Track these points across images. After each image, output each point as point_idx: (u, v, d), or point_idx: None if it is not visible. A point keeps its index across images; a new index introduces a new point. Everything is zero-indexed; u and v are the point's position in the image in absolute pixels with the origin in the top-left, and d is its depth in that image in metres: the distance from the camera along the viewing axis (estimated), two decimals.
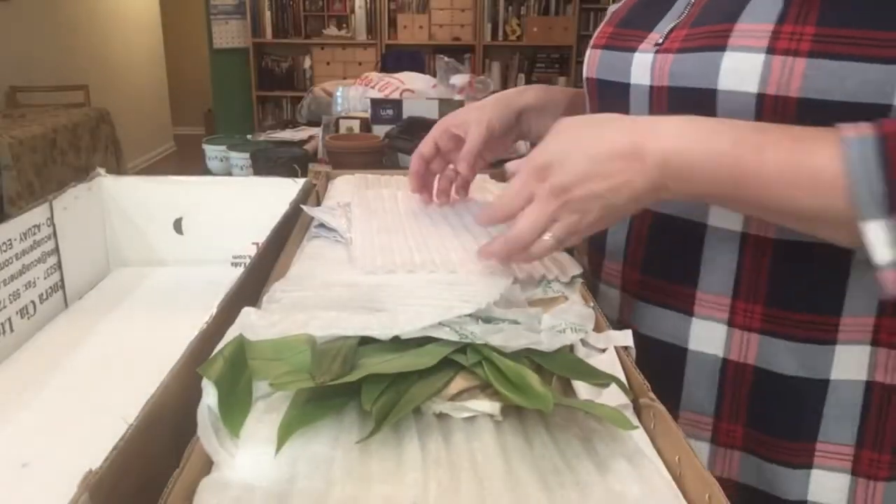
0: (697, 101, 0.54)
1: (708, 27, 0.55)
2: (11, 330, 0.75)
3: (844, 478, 0.57)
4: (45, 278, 0.82)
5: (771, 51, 0.50)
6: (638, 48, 0.61)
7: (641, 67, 0.60)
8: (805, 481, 0.58)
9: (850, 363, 0.55)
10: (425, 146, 0.77)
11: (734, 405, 0.60)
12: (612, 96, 0.65)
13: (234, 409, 0.40)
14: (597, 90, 0.68)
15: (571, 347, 0.50)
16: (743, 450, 0.60)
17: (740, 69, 0.51)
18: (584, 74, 0.70)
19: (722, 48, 0.52)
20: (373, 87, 2.01)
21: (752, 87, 0.51)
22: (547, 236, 0.53)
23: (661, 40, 0.59)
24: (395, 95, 1.94)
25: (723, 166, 0.48)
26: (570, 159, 0.51)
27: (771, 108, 0.50)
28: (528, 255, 0.54)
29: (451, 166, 0.79)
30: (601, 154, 0.50)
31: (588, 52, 0.70)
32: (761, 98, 0.51)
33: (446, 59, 2.05)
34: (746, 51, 0.51)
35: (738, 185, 0.48)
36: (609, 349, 0.51)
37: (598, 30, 0.70)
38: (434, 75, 2.12)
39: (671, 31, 0.59)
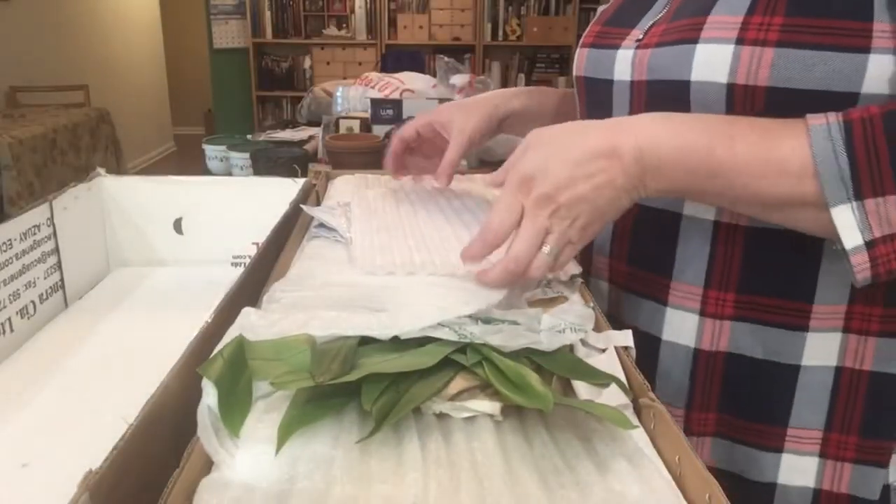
0: (672, 93, 0.55)
1: (684, 21, 0.56)
2: (11, 330, 0.75)
3: (813, 460, 0.58)
4: (45, 278, 0.82)
5: (740, 41, 0.51)
6: (621, 45, 0.63)
7: (623, 63, 0.61)
8: (776, 464, 0.59)
9: (820, 349, 0.56)
10: (407, 131, 0.78)
11: (706, 395, 0.60)
12: (597, 93, 0.66)
13: (234, 409, 0.40)
14: (584, 88, 0.69)
15: (571, 347, 0.50)
16: (714, 435, 0.61)
17: (711, 61, 0.52)
18: (574, 73, 0.71)
19: (695, 41, 0.54)
20: (373, 87, 2.01)
21: (722, 77, 0.52)
22: (545, 249, 0.52)
23: (641, 36, 0.61)
24: (395, 95, 1.94)
25: (694, 158, 0.49)
26: (552, 167, 0.51)
27: (741, 98, 0.51)
28: (529, 276, 0.54)
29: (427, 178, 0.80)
30: (581, 157, 0.51)
31: (577, 51, 0.71)
32: (731, 88, 0.52)
33: (446, 59, 2.05)
34: (717, 42, 0.52)
35: (711, 176, 0.49)
36: (609, 349, 0.51)
37: (588, 29, 0.71)
38: (434, 75, 2.12)
39: (651, 27, 0.60)
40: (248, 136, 1.96)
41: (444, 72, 2.02)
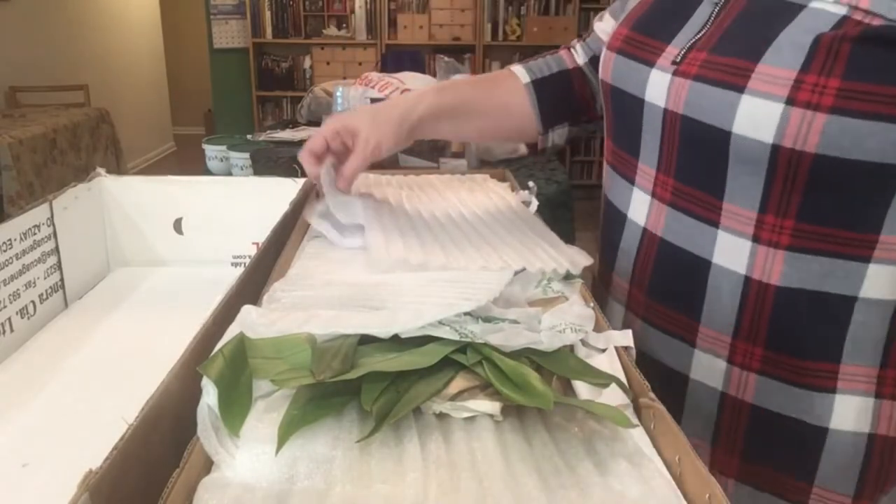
0: (711, 139, 0.53)
1: (729, 60, 0.52)
2: (11, 330, 0.75)
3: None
4: (45, 278, 0.82)
5: (791, 101, 0.48)
6: (655, 63, 0.59)
7: (657, 87, 0.58)
8: None
9: (849, 411, 0.55)
10: (315, 143, 0.75)
11: (731, 437, 0.60)
12: (625, 108, 0.64)
13: (235, 408, 0.40)
14: (611, 97, 0.67)
15: (571, 347, 0.50)
16: (738, 479, 0.61)
17: (757, 116, 0.49)
18: (600, 76, 0.69)
19: (740, 89, 0.50)
20: (373, 87, 2.01)
21: (767, 136, 0.49)
22: None
23: (678, 58, 0.57)
24: (395, 95, 1.94)
25: None
26: None
27: (785, 161, 0.49)
28: None
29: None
30: None
31: (603, 52, 0.68)
32: (776, 149, 0.49)
33: (446, 59, 2.05)
34: (765, 97, 0.49)
35: None
36: (609, 349, 0.51)
37: (615, 30, 0.68)
38: (434, 75, 2.12)
39: (689, 48, 0.56)
40: (248, 136, 1.96)
41: (444, 72, 2.02)
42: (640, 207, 0.64)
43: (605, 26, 0.77)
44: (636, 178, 0.64)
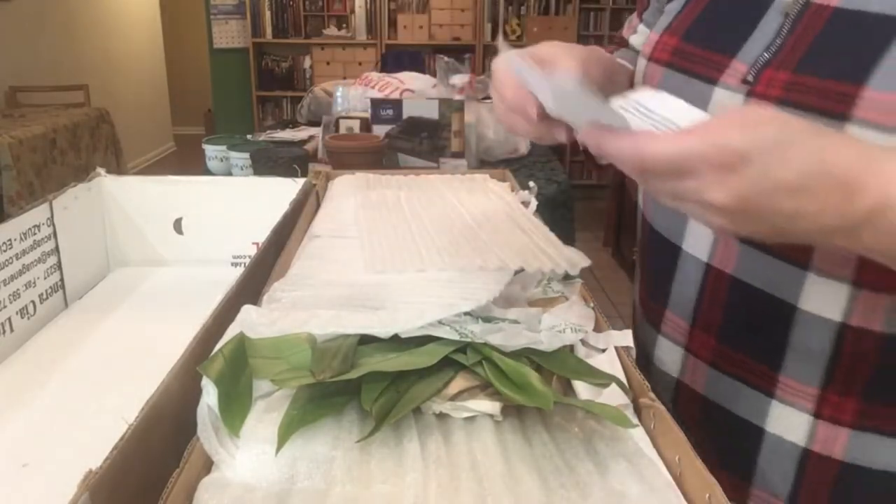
0: None
1: (823, 82, 0.45)
2: (11, 330, 0.75)
3: None
4: (45, 278, 0.82)
5: None
6: (718, 80, 0.52)
7: (725, 108, 0.50)
8: None
9: None
10: (506, 89, 0.55)
11: (811, 496, 0.55)
12: None
13: (235, 408, 0.40)
14: None
15: (571, 347, 0.50)
16: None
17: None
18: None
19: (843, 118, 0.44)
20: (373, 87, 2.01)
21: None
22: (674, 203, 0.41)
23: (751, 78, 0.50)
24: (395, 95, 1.94)
25: None
26: (775, 164, 0.38)
27: None
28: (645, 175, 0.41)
29: None
30: (812, 171, 0.38)
31: (645, 64, 0.61)
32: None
33: (446, 59, 2.05)
34: (878, 130, 0.42)
35: None
36: (609, 349, 0.51)
37: (657, 39, 0.60)
38: (434, 75, 2.11)
39: (765, 67, 0.49)
40: (248, 136, 1.96)
41: (444, 72, 2.02)
42: (700, 241, 0.57)
43: (641, 38, 0.69)
44: None
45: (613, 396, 0.45)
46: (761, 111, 0.40)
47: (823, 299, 0.50)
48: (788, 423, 0.55)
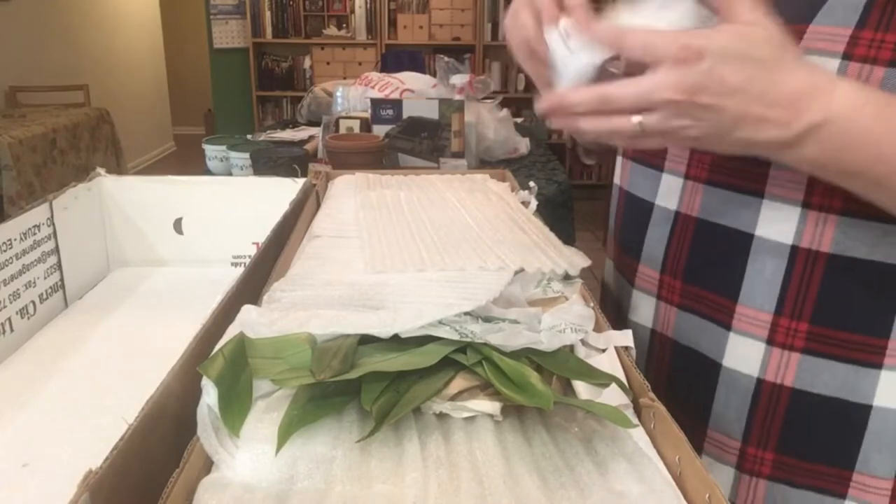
0: None
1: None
2: (11, 330, 0.75)
3: None
4: (45, 278, 0.82)
5: (847, 56, 0.48)
6: None
7: None
8: None
9: (894, 390, 0.53)
10: (525, 23, 0.53)
11: (765, 430, 0.57)
12: None
13: (235, 408, 0.40)
14: None
15: (571, 347, 0.50)
16: (770, 479, 0.58)
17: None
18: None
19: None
20: (373, 87, 2.01)
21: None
22: (635, 119, 0.45)
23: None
24: (395, 95, 1.94)
25: (872, 153, 0.44)
26: (731, 64, 0.42)
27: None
28: (593, 127, 0.46)
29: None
30: (768, 80, 0.43)
31: None
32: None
33: (446, 59, 2.05)
34: (822, 55, 0.49)
35: (877, 178, 0.45)
36: (609, 349, 0.51)
37: None
38: (434, 75, 2.12)
39: None
40: (248, 136, 1.96)
41: (444, 72, 2.02)
42: (670, 194, 0.62)
43: None
44: (665, 163, 0.63)
45: (613, 396, 0.45)
46: (758, 29, 0.44)
47: (776, 224, 0.54)
48: (743, 354, 0.57)
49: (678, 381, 0.63)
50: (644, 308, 0.67)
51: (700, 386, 0.61)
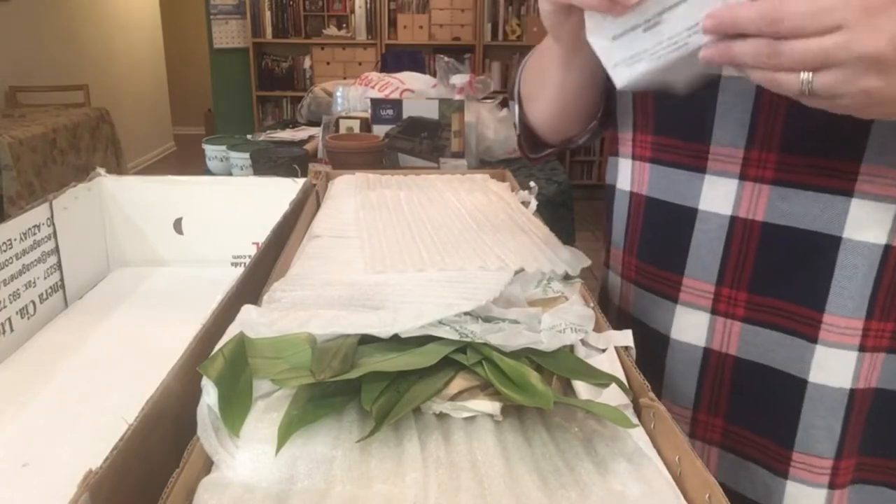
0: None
1: None
2: (11, 330, 0.75)
3: (821, 493, 0.56)
4: (45, 278, 0.82)
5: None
6: None
7: None
8: (780, 494, 0.57)
9: (831, 366, 0.53)
10: None
11: (713, 399, 0.59)
12: None
13: (235, 408, 0.40)
14: None
15: (571, 347, 0.50)
16: (721, 446, 0.60)
17: None
18: None
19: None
20: (373, 87, 2.01)
21: None
22: (805, 76, 0.39)
23: None
24: (395, 95, 1.94)
25: None
26: None
27: None
28: (767, 79, 0.40)
29: None
30: None
31: None
32: None
33: (446, 59, 2.05)
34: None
35: None
36: (609, 349, 0.51)
37: None
38: (434, 75, 2.12)
39: None
40: (248, 136, 1.96)
41: (444, 72, 2.02)
42: (624, 173, 0.65)
43: None
44: (619, 147, 0.66)
45: (613, 396, 0.45)
46: None
47: (716, 197, 0.56)
48: (690, 325, 0.59)
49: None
50: (613, 288, 0.69)
51: (650, 357, 0.61)
